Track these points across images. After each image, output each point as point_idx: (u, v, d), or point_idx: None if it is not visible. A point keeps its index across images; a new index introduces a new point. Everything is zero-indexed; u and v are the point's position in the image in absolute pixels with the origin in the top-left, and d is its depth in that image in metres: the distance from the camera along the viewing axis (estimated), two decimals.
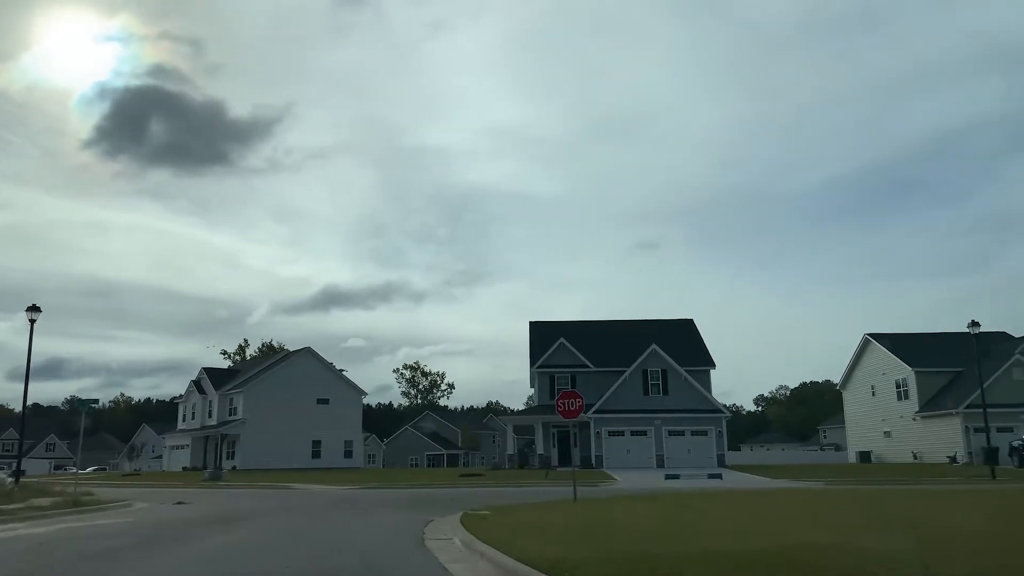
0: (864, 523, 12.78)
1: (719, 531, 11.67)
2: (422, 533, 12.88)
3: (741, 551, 8.78)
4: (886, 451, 51.03)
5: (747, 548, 9.03)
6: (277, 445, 55.55)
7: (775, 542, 9.59)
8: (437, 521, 15.12)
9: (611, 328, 50.90)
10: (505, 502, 20.03)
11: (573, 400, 19.82)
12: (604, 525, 12.78)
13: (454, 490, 28.53)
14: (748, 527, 12.28)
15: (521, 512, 15.90)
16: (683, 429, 43.42)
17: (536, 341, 49.35)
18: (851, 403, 56.74)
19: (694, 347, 47.65)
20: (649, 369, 44.18)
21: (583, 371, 46.70)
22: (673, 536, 11.08)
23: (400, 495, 25.40)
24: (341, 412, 60.98)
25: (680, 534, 11.41)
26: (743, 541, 9.91)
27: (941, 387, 47.20)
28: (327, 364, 61.97)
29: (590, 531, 11.83)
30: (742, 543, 9.61)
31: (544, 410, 45.83)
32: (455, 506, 19.77)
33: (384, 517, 16.45)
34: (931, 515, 14.12)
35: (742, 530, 11.76)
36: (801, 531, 11.35)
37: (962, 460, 42.51)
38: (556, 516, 14.42)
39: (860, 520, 13.29)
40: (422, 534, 12.75)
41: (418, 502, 21.85)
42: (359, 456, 64.04)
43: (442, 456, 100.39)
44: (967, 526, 11.97)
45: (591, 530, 11.95)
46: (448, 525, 13.95)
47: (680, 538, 10.64)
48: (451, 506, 19.88)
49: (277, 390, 57.69)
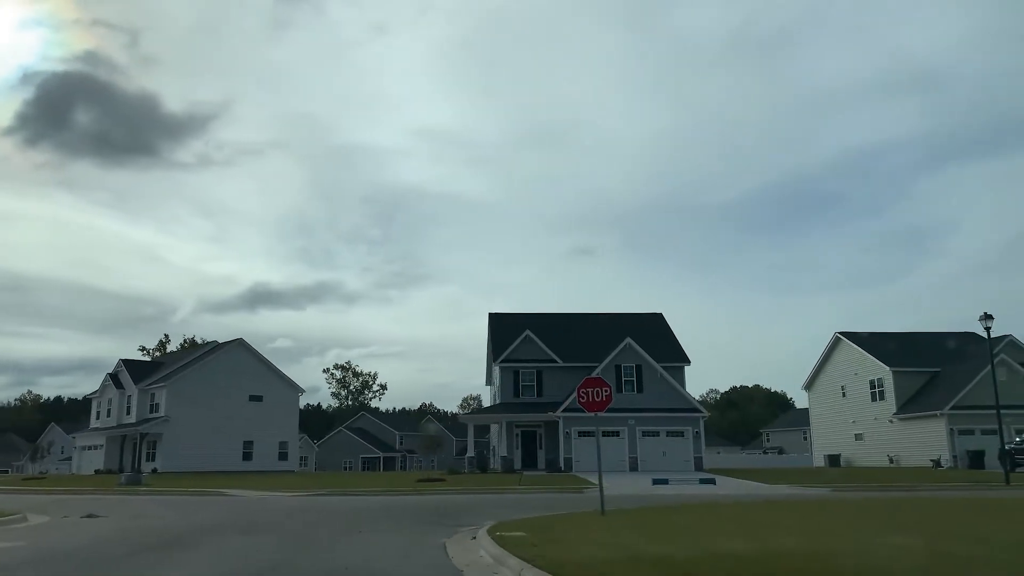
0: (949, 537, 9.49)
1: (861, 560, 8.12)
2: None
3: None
4: (857, 454, 48.98)
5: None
6: (204, 446, 50.14)
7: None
8: (455, 545, 11.17)
9: (578, 321, 47.42)
10: (513, 516, 16.14)
11: (599, 389, 16.05)
12: (720, 558, 9.05)
13: (424, 498, 24.41)
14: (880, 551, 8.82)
15: (563, 531, 12.01)
16: (658, 429, 40.21)
17: (497, 334, 45.47)
18: (818, 404, 54.68)
19: (666, 342, 44.58)
20: (623, 364, 40.81)
21: (550, 366, 43.07)
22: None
23: (367, 505, 21.17)
24: (276, 411, 55.81)
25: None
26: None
27: (919, 388, 45.31)
28: (261, 358, 56.64)
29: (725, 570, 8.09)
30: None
31: (507, 408, 42.03)
32: (448, 521, 15.80)
33: (379, 538, 12.34)
34: (993, 528, 12.26)
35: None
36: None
37: (946, 464, 40.51)
38: (627, 538, 10.60)
39: (936, 534, 10.79)
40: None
41: (398, 514, 17.73)
42: (294, 459, 58.89)
43: (378, 459, 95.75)
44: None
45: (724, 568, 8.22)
46: (484, 553, 10.02)
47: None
48: (442, 521, 15.89)
49: (205, 385, 52.21)
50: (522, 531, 11.64)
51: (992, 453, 39.51)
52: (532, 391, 42.87)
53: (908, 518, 14.65)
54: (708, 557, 9.00)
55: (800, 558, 8.88)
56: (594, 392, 16.04)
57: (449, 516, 17.00)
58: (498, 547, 9.77)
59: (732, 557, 9.00)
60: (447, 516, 17.06)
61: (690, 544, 10.15)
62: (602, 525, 13.10)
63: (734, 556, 9.06)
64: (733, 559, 8.82)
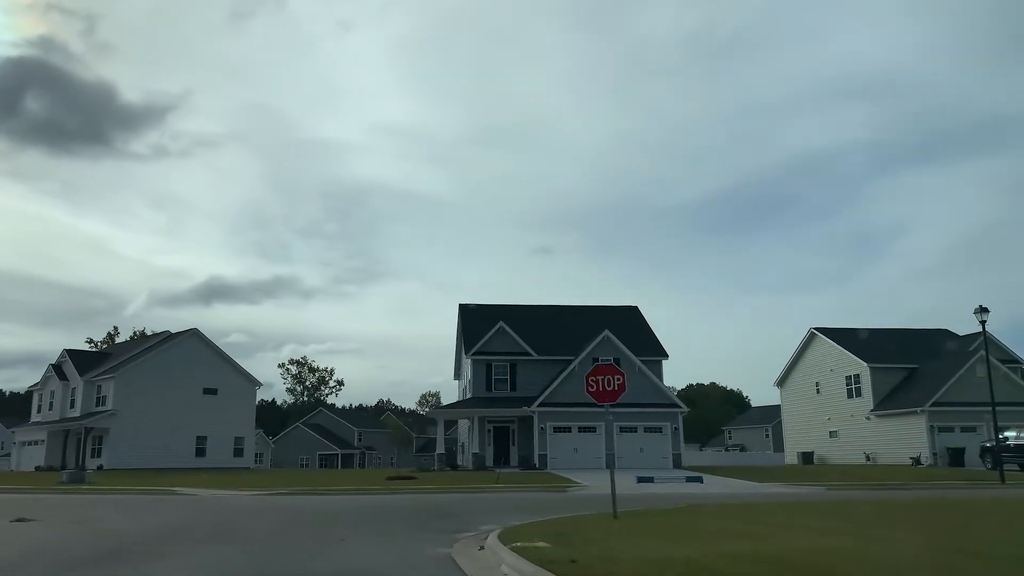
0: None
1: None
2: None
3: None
4: (832, 452, 48.23)
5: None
6: (154, 441, 47.38)
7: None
8: (465, 558, 9.36)
9: (551, 313, 45.75)
10: (510, 519, 14.37)
11: (611, 377, 14.34)
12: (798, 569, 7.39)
13: (400, 498, 22.50)
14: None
15: (587, 540, 10.24)
16: (636, 425, 38.75)
17: (469, 325, 43.56)
18: (790, 401, 53.88)
19: (643, 336, 43.16)
20: (600, 358, 39.18)
21: (524, 359, 41.32)
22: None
23: (341, 506, 19.18)
24: (231, 404, 53.14)
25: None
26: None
27: (896, 384, 44.62)
28: (216, 349, 53.88)
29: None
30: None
31: (479, 403, 40.19)
32: (440, 524, 13.99)
33: (369, 547, 10.42)
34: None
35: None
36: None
37: (926, 461, 39.81)
38: (666, 548, 8.88)
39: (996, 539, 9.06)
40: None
41: (380, 517, 15.83)
42: (250, 455, 56.28)
43: (336, 456, 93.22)
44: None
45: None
46: (508, 570, 8.22)
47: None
48: (432, 524, 14.09)
49: (156, 377, 49.36)
50: (541, 540, 9.86)
51: (972, 451, 38.92)
52: (505, 385, 41.10)
53: (948, 523, 13.25)
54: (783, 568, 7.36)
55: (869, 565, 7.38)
56: (604, 380, 14.34)
57: (437, 518, 15.17)
58: (528, 563, 7.96)
59: (808, 567, 7.39)
60: (435, 518, 15.23)
61: (747, 551, 8.50)
62: (625, 531, 11.39)
63: (809, 566, 7.46)
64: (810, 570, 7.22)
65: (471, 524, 14.04)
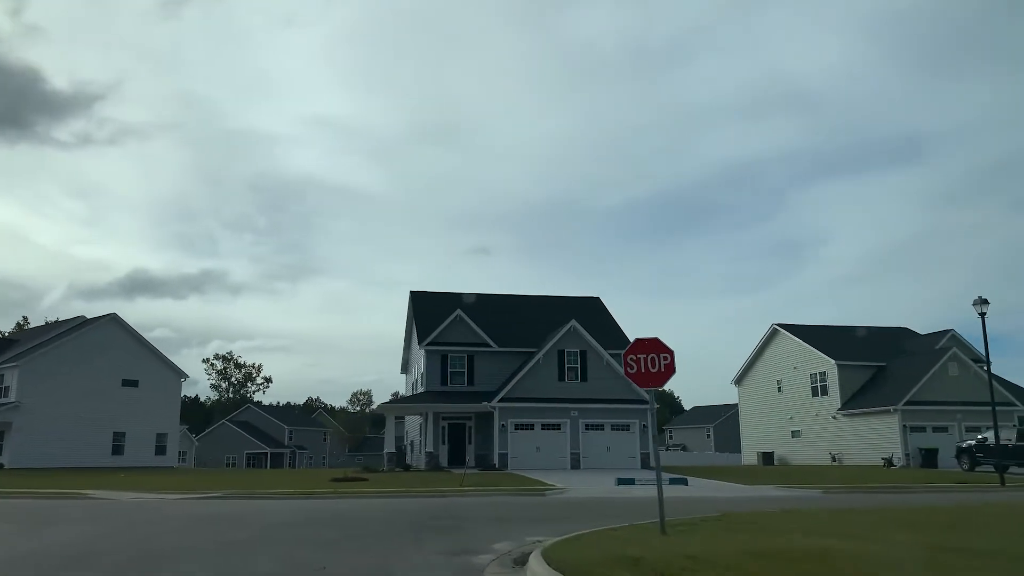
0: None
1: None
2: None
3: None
4: (794, 452, 46.66)
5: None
6: (65, 437, 42.62)
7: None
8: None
9: (511, 303, 42.78)
10: (522, 535, 11.38)
11: (656, 356, 11.29)
12: None
13: (355, 504, 19.20)
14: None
15: (665, 569, 7.29)
16: (602, 422, 36.14)
17: (422, 314, 40.22)
18: (749, 400, 52.23)
19: (607, 327, 40.57)
20: (566, 350, 36.50)
21: (483, 350, 38.23)
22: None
23: (291, 515, 15.79)
24: (154, 398, 48.60)
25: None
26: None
27: (864, 383, 43.23)
28: (138, 337, 49.12)
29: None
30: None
31: (433, 397, 36.93)
32: (433, 541, 10.93)
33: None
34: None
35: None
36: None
37: (898, 462, 38.35)
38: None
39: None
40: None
41: (349, 529, 12.58)
42: (173, 453, 51.66)
43: (265, 454, 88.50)
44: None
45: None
46: None
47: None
48: (421, 540, 11.03)
49: (68, 366, 44.48)
50: (606, 568, 6.88)
51: (945, 451, 37.68)
52: (462, 378, 37.95)
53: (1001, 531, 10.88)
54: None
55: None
56: (647, 360, 11.24)
57: (428, 533, 12.02)
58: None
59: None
60: (425, 532, 12.08)
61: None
62: (698, 552, 8.51)
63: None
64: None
65: (475, 540, 11.03)
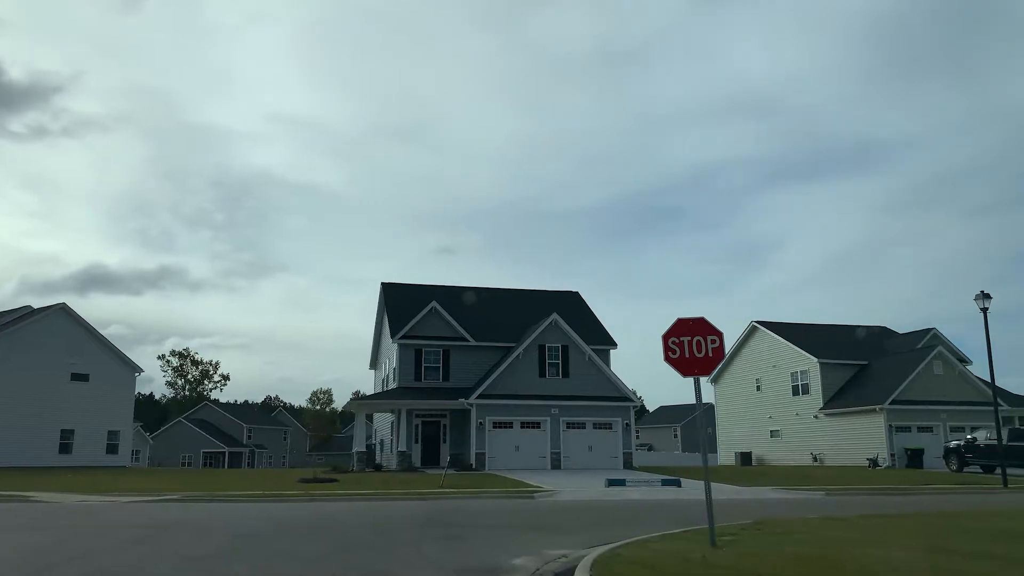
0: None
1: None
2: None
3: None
4: (773, 452, 45.68)
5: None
6: (7, 434, 39.82)
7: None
8: None
9: (488, 296, 41.00)
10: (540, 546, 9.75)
11: (703, 339, 9.68)
12: None
13: (335, 507, 17.38)
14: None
15: None
16: (584, 421, 34.60)
17: (395, 307, 38.26)
18: (726, 399, 51.20)
19: (587, 323, 39.08)
20: (547, 345, 34.90)
21: (460, 345, 36.43)
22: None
23: (263, 522, 13.93)
24: (106, 393, 45.80)
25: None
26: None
27: (846, 381, 42.37)
28: (89, 329, 46.28)
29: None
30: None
31: (407, 393, 35.05)
32: (441, 552, 9.25)
33: None
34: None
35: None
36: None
37: (884, 463, 37.49)
38: None
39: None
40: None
41: (340, 540, 10.80)
42: (126, 452, 48.85)
43: (223, 454, 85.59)
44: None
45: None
46: None
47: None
48: (427, 552, 9.32)
49: (12, 358, 41.57)
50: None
51: (931, 451, 36.95)
52: (437, 374, 36.11)
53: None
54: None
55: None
56: (692, 343, 9.62)
57: (433, 544, 10.29)
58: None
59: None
60: (428, 543, 10.35)
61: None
62: (777, 572, 6.95)
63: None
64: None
65: (486, 553, 9.41)
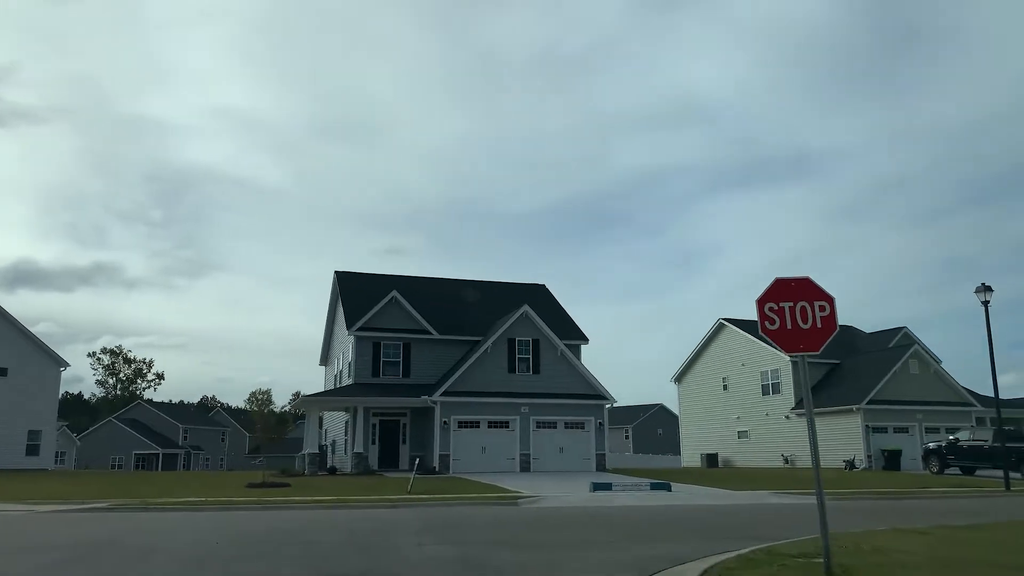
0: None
1: None
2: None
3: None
4: (741, 454, 44.30)
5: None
6: None
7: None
8: None
9: (451, 288, 38.52)
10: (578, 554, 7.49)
11: (809, 305, 7.53)
12: None
13: (292, 516, 14.79)
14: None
15: None
16: (555, 420, 32.44)
17: (350, 297, 35.51)
18: (690, 399, 49.72)
19: (557, 317, 36.93)
20: (518, 338, 32.62)
21: (422, 338, 33.89)
22: None
23: (212, 533, 11.31)
24: (26, 389, 41.79)
25: None
26: None
27: (818, 381, 41.17)
28: (9, 318, 42.23)
29: None
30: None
31: (364, 390, 32.34)
32: None
33: None
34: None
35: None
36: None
37: (860, 465, 36.31)
38: None
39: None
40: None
41: (321, 568, 8.32)
42: (49, 454, 44.81)
43: (156, 455, 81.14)
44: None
45: None
46: None
47: None
48: None
49: None
50: None
51: (907, 453, 35.90)
52: (397, 369, 33.50)
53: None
54: None
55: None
56: (797, 311, 7.47)
57: (431, 568, 7.92)
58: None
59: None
60: (430, 569, 7.98)
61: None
62: None
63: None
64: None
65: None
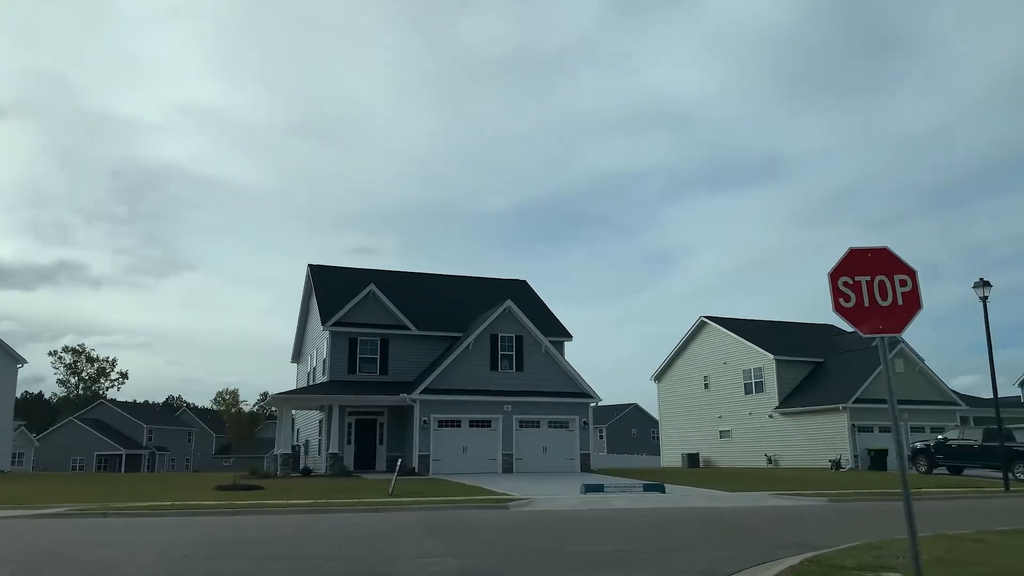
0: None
1: None
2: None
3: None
4: (723, 453, 43.60)
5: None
6: None
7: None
8: None
9: (430, 283, 37.25)
10: None
11: (889, 280, 6.53)
12: None
13: (271, 521, 13.54)
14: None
15: None
16: (538, 419, 31.35)
17: (325, 290, 34.10)
18: (670, 398, 48.96)
19: (539, 313, 35.83)
20: (500, 335, 31.48)
21: (401, 334, 32.60)
22: None
23: (183, 544, 10.04)
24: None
25: None
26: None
27: (801, 380, 40.62)
28: None
29: None
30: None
31: (339, 388, 30.98)
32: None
33: None
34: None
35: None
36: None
37: (846, 465, 35.74)
38: None
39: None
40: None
41: None
42: (6, 455, 42.78)
43: (119, 456, 78.67)
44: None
45: None
46: None
47: None
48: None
49: None
50: None
51: (894, 452, 35.32)
52: (374, 366, 32.18)
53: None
54: None
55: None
56: (875, 285, 6.47)
57: None
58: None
59: None
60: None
61: None
62: None
63: None
64: None
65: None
